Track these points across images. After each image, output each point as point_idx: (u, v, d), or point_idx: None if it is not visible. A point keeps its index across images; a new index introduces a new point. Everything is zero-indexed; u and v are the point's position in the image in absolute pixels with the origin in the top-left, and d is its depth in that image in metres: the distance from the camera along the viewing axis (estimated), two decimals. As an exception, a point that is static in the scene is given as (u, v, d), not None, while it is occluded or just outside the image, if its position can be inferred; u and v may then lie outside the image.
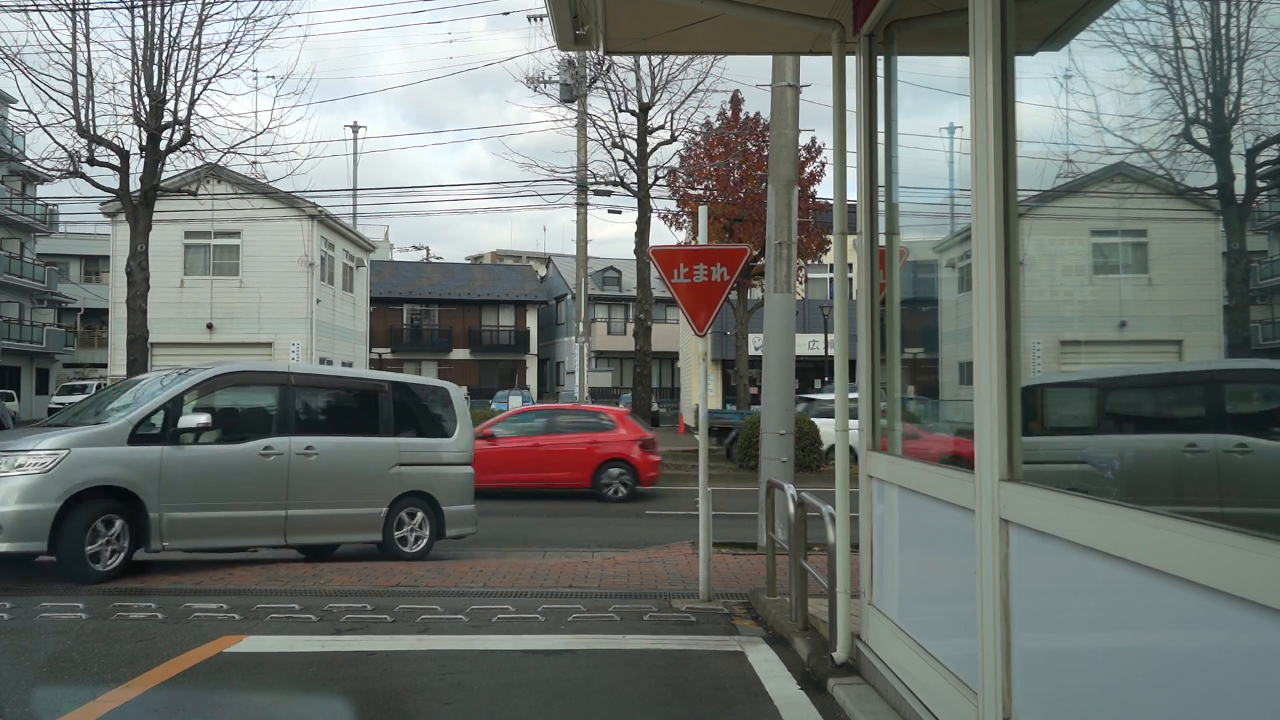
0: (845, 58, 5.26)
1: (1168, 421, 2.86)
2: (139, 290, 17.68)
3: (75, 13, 17.10)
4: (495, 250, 71.07)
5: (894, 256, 4.85)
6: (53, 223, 43.86)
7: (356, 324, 38.90)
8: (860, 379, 5.04)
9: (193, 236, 30.76)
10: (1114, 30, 2.96)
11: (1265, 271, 2.48)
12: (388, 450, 9.62)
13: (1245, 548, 2.08)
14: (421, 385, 10.78)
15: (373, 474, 9.47)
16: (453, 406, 10.35)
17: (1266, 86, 2.31)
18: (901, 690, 4.28)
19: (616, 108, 22.28)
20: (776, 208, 9.46)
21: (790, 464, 9.10)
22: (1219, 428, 2.55)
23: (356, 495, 9.36)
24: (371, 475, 9.46)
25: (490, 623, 6.35)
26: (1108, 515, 2.62)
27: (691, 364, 36.67)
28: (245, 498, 8.63)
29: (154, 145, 17.65)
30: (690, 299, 7.45)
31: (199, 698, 4.88)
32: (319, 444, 9.11)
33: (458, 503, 10.10)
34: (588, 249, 24.91)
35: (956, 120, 3.96)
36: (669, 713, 4.77)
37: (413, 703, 4.85)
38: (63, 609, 6.60)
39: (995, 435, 3.24)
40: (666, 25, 5.52)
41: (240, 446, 8.71)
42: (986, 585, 3.29)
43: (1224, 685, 2.20)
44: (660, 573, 8.39)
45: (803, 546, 6.07)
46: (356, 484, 9.37)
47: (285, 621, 6.37)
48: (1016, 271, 3.24)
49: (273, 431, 8.93)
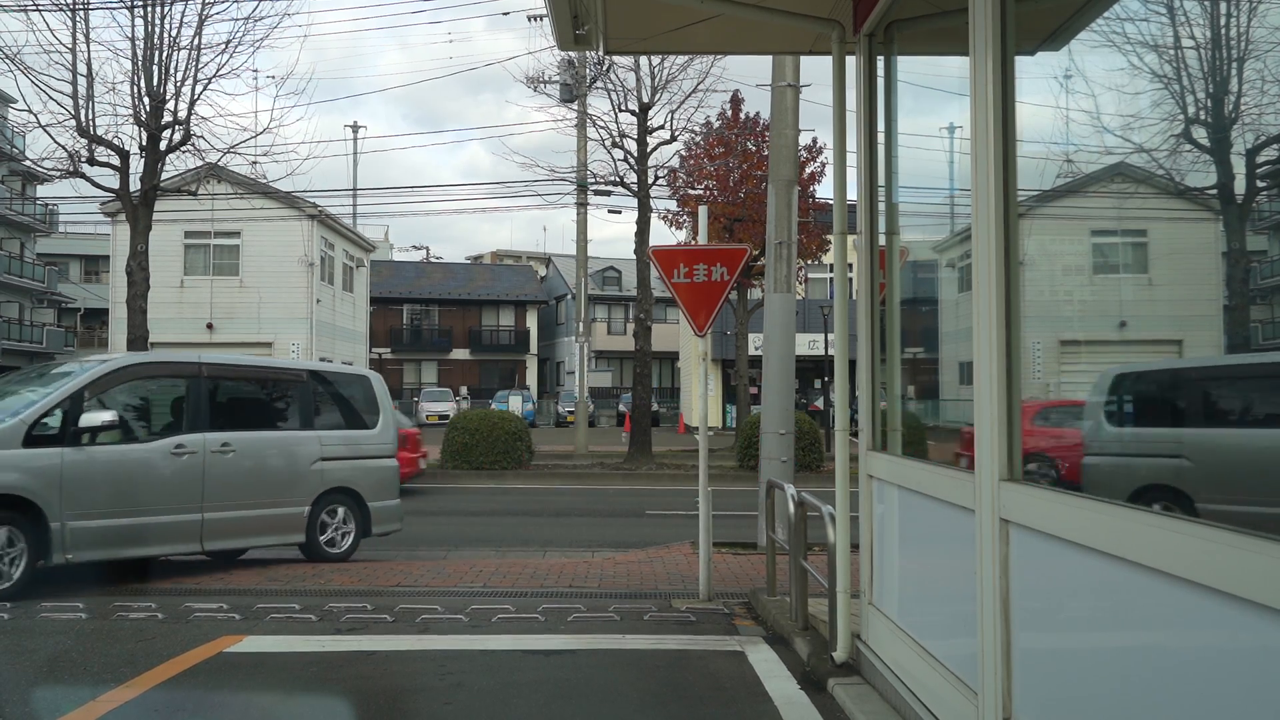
0: (845, 58, 5.26)
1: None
2: (139, 290, 17.66)
3: (75, 13, 17.08)
4: (495, 250, 71.10)
5: (894, 256, 4.85)
6: (53, 223, 43.89)
7: (356, 324, 38.91)
8: (860, 379, 5.04)
9: (193, 236, 30.77)
10: (1114, 30, 2.96)
11: (1265, 271, 2.48)
12: (309, 445, 9.02)
13: (1245, 548, 2.08)
14: (342, 374, 10.25)
15: (294, 471, 8.88)
16: (375, 396, 9.82)
17: (1266, 86, 2.31)
18: (902, 690, 4.28)
19: (616, 108, 22.26)
20: (776, 208, 9.47)
21: (790, 464, 9.11)
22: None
23: (278, 494, 8.74)
24: (293, 472, 8.88)
25: (490, 622, 6.36)
26: (1108, 515, 2.62)
27: (691, 364, 36.69)
28: (156, 502, 7.88)
29: (154, 145, 17.64)
30: (690, 299, 7.45)
31: (199, 698, 4.88)
32: (236, 440, 8.42)
33: (383, 498, 9.61)
34: (588, 249, 24.91)
35: (956, 120, 3.96)
36: (669, 713, 4.77)
37: (413, 703, 4.85)
38: (63, 609, 6.60)
39: (995, 435, 3.24)
40: (666, 25, 5.52)
41: (149, 445, 8.00)
42: (987, 585, 3.29)
43: (1224, 685, 2.20)
44: (660, 573, 8.39)
45: (803, 546, 6.07)
46: (277, 482, 8.77)
47: (285, 621, 6.37)
48: (1016, 271, 3.24)
49: (184, 428, 8.20)
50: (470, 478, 18.10)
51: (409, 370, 51.73)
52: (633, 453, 20.87)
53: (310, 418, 9.19)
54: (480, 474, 18.22)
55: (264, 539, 8.79)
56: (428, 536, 11.25)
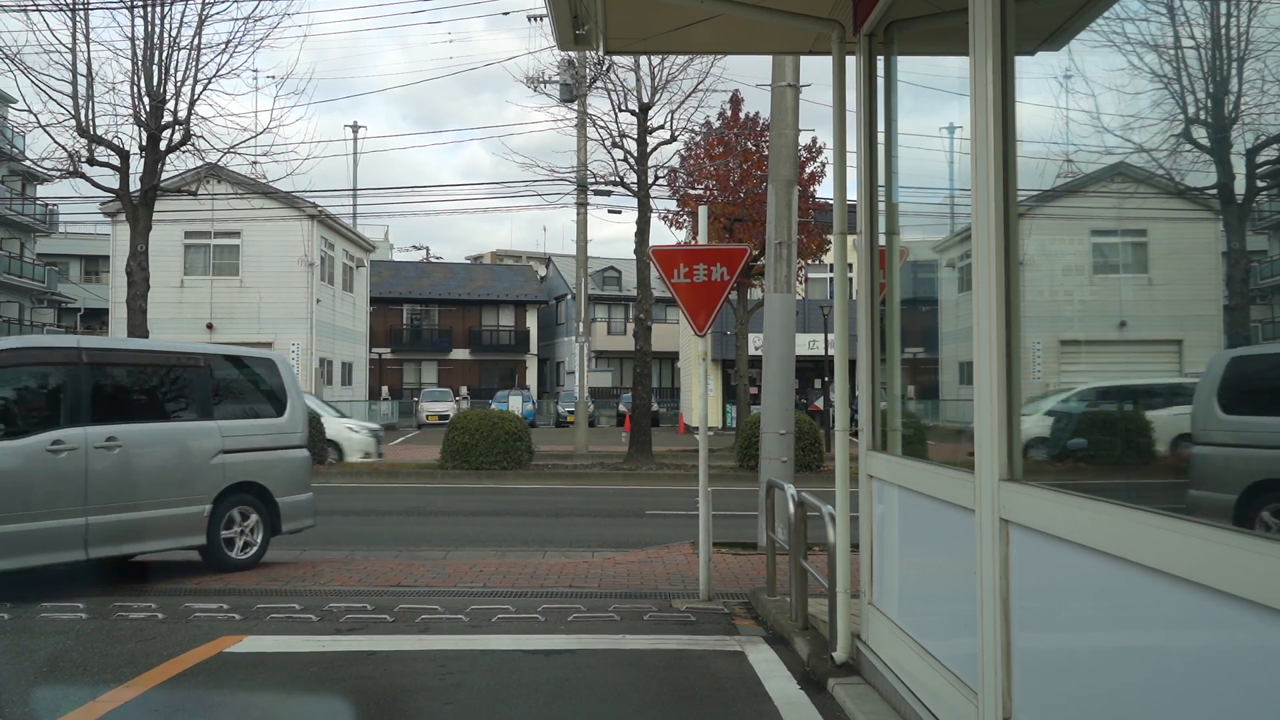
0: (845, 58, 5.26)
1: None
2: (139, 290, 17.67)
3: (75, 13, 17.10)
4: (495, 250, 71.09)
5: (894, 256, 4.85)
6: (53, 223, 43.89)
7: (356, 324, 38.91)
8: (860, 379, 5.04)
9: (193, 236, 30.77)
10: (1114, 30, 2.96)
11: (1265, 271, 2.48)
12: (209, 436, 8.22)
13: (1245, 548, 2.08)
14: (246, 357, 9.29)
15: (192, 466, 8.09)
16: (283, 381, 9.04)
17: (1266, 86, 2.31)
18: (902, 690, 4.28)
19: (616, 108, 22.25)
20: (776, 208, 9.47)
21: (790, 464, 9.10)
22: None
23: (173, 493, 7.93)
24: (191, 467, 8.08)
25: (490, 622, 6.36)
26: (1107, 515, 2.62)
27: (691, 364, 36.69)
28: (30, 506, 7.07)
29: (154, 145, 17.65)
30: (690, 299, 7.46)
31: (199, 698, 4.88)
32: (123, 433, 7.62)
33: (293, 492, 8.89)
34: (588, 249, 24.91)
35: (956, 120, 3.96)
36: (669, 713, 4.77)
37: (413, 702, 4.85)
38: (63, 609, 6.60)
39: (995, 435, 3.24)
40: (666, 25, 5.52)
41: (21, 443, 7.17)
42: (987, 585, 3.29)
43: (1224, 685, 2.20)
44: (660, 573, 8.39)
45: (803, 546, 6.07)
46: (173, 479, 7.96)
47: (285, 621, 6.37)
48: (1016, 271, 3.24)
49: (63, 422, 7.37)
50: (470, 478, 18.11)
51: (409, 370, 51.74)
52: (633, 453, 20.88)
53: (210, 407, 8.38)
54: (480, 474, 18.23)
55: (159, 543, 7.98)
56: (428, 536, 11.26)
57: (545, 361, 56.28)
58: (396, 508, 14.22)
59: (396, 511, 13.83)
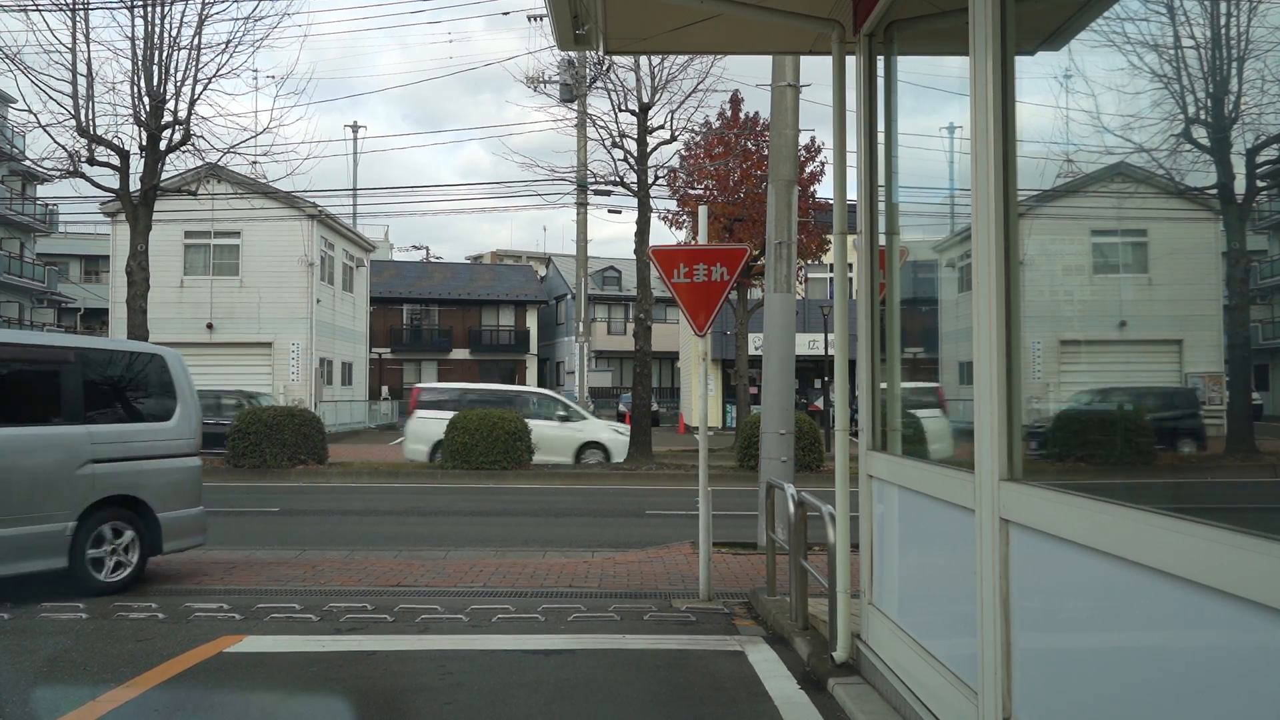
0: (845, 58, 5.26)
1: None
2: (139, 290, 17.68)
3: (75, 13, 17.10)
4: (495, 250, 71.07)
5: (894, 256, 4.86)
6: (53, 223, 43.90)
7: (356, 324, 38.90)
8: (860, 379, 5.04)
9: (193, 236, 30.76)
10: (1114, 30, 2.96)
11: (1265, 271, 2.48)
12: (75, 443, 7.14)
13: (1245, 548, 2.08)
14: (126, 352, 8.18)
15: (53, 478, 7.02)
16: (173, 380, 8.01)
17: (1266, 86, 2.31)
18: (902, 690, 4.29)
19: (616, 108, 22.23)
20: (776, 208, 9.47)
21: (790, 464, 9.10)
22: None
23: (28, 509, 6.84)
24: (51, 480, 7.00)
25: (490, 622, 6.36)
26: (1107, 515, 2.62)
27: (691, 364, 36.68)
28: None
29: (154, 145, 17.65)
30: (690, 299, 7.46)
31: (199, 698, 4.88)
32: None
33: (179, 506, 7.86)
34: (588, 249, 24.94)
35: (956, 120, 3.96)
36: (669, 712, 4.77)
37: (413, 702, 4.85)
38: (63, 609, 6.60)
39: (995, 435, 3.24)
40: (666, 25, 5.52)
41: None
42: (986, 585, 3.29)
43: (1224, 685, 2.20)
44: (660, 573, 8.39)
45: (803, 546, 6.08)
46: (28, 493, 6.87)
47: (285, 621, 6.37)
48: (1016, 271, 3.24)
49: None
50: (470, 478, 18.09)
51: (409, 370, 51.71)
52: (632, 453, 20.87)
53: (79, 409, 7.27)
54: (480, 474, 18.22)
55: (11, 566, 6.77)
56: (427, 536, 11.25)
57: (545, 361, 56.27)
58: (396, 508, 14.21)
59: (396, 511, 13.83)
